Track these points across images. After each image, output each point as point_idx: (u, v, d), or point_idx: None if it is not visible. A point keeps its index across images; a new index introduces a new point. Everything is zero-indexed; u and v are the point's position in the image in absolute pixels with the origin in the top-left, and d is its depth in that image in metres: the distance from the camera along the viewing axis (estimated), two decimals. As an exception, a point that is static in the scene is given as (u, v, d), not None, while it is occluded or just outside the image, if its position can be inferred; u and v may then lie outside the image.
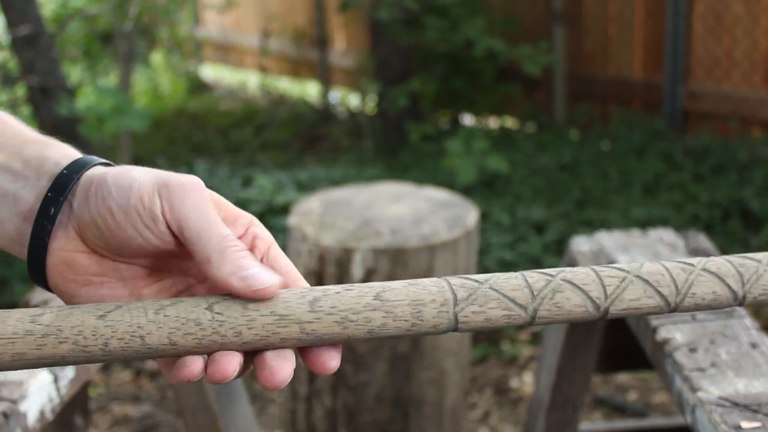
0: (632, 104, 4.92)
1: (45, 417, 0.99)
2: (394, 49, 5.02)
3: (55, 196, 0.60)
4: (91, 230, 0.59)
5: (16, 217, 0.62)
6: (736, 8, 4.28)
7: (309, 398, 2.06)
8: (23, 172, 0.62)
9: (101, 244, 0.60)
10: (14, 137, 0.63)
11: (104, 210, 0.58)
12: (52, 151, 0.63)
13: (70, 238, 0.60)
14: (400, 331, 0.57)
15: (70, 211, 0.60)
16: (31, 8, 3.77)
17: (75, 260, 0.60)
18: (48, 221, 0.60)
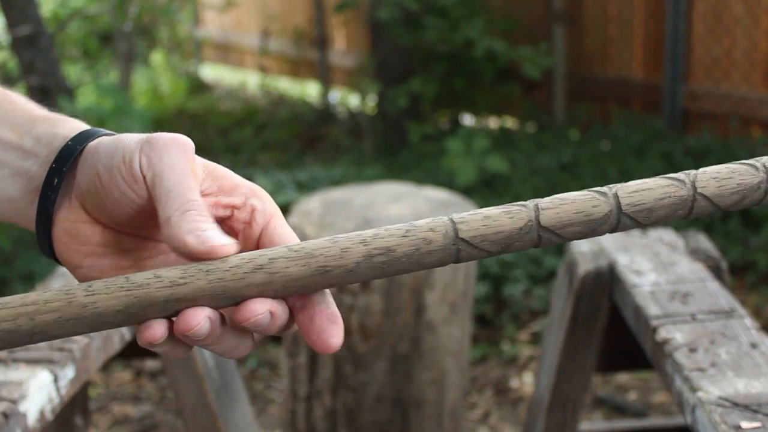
0: (632, 104, 4.92)
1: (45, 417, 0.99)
2: (394, 49, 5.02)
3: (58, 166, 0.60)
4: (88, 198, 0.60)
5: (30, 193, 0.62)
6: (736, 8, 4.28)
7: (309, 398, 2.06)
8: (34, 149, 0.62)
9: (97, 211, 0.60)
10: (24, 116, 0.64)
11: (93, 174, 0.58)
12: (62, 127, 0.63)
13: (74, 208, 0.61)
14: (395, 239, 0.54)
15: (74, 181, 0.61)
16: (31, 8, 3.78)
17: (78, 230, 0.60)
18: (52, 192, 0.60)
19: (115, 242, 0.61)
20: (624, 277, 1.25)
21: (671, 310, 1.12)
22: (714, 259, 1.32)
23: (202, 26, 8.57)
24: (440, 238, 0.55)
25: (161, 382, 2.84)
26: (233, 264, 0.54)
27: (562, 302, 1.44)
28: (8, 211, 0.64)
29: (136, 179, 0.57)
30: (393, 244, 0.54)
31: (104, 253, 0.61)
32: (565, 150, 4.54)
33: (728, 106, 4.36)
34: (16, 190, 0.63)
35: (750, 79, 4.28)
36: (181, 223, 0.54)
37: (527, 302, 3.15)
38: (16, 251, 3.55)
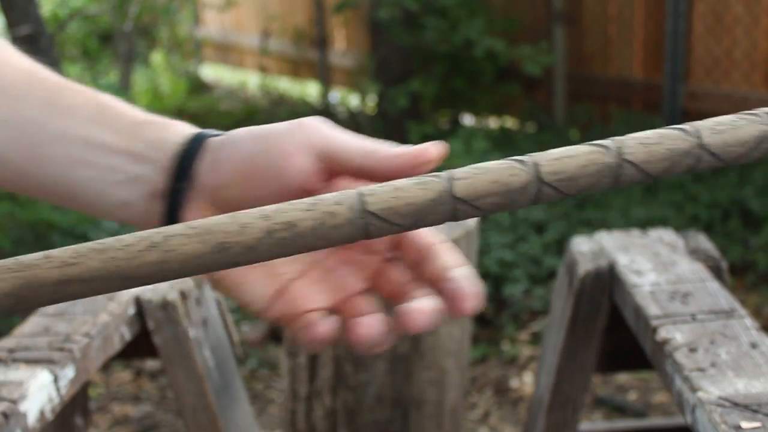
0: (632, 104, 4.92)
1: (45, 417, 0.99)
2: (394, 49, 5.02)
3: (182, 168, 0.62)
4: (229, 190, 0.61)
5: (145, 197, 0.63)
6: (736, 8, 4.28)
7: (309, 398, 2.06)
8: (146, 153, 0.63)
9: (238, 198, 0.60)
10: (128, 120, 0.65)
11: (240, 162, 0.60)
12: (170, 131, 0.64)
13: (202, 208, 0.62)
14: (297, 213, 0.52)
15: (199, 182, 0.62)
16: (31, 8, 3.78)
17: None
18: (178, 194, 0.62)
19: None
20: (624, 277, 1.25)
21: (671, 310, 1.12)
22: (714, 259, 1.32)
23: (202, 26, 8.57)
24: (346, 211, 0.52)
25: (161, 382, 2.84)
26: (127, 242, 0.52)
27: (562, 302, 1.44)
28: (126, 215, 0.65)
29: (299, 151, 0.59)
30: (296, 218, 0.52)
31: None
32: (565, 150, 4.54)
33: (728, 106, 4.36)
34: (131, 195, 0.63)
35: (750, 79, 4.28)
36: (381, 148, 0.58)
37: (527, 302, 3.15)
38: (16, 251, 3.55)
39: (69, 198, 0.65)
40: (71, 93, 0.65)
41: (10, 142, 0.64)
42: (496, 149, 4.43)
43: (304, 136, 0.60)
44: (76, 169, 0.63)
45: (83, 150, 0.63)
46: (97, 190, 0.64)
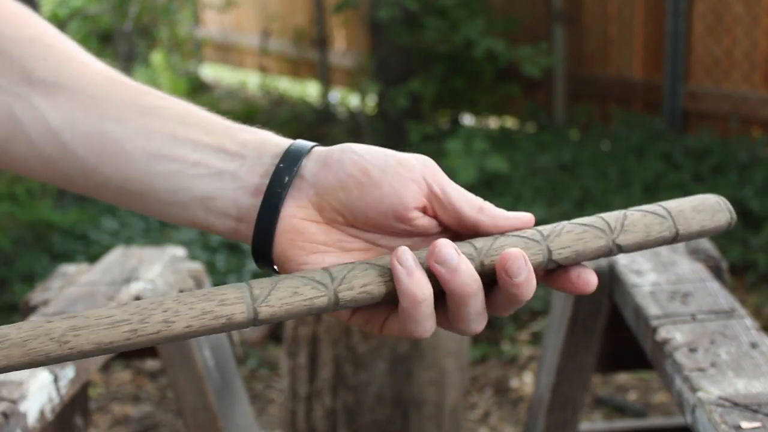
0: (632, 104, 4.92)
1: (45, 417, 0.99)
2: (394, 49, 5.02)
3: (288, 165, 0.63)
4: (335, 194, 0.62)
5: (234, 192, 0.64)
6: (736, 8, 4.28)
7: (309, 398, 2.06)
8: (241, 152, 0.64)
9: (343, 208, 0.62)
10: (219, 125, 0.66)
11: (356, 171, 0.62)
12: (267, 136, 0.66)
13: (302, 206, 0.63)
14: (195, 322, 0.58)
15: (302, 182, 0.63)
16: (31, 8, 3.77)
17: (305, 228, 0.63)
18: (282, 188, 0.62)
19: (337, 241, 0.64)
20: (624, 277, 1.25)
21: (671, 310, 1.12)
22: (714, 259, 1.32)
23: (202, 26, 8.57)
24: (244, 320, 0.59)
25: (161, 382, 2.84)
26: None
27: (562, 302, 1.44)
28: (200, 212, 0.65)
29: (417, 181, 0.62)
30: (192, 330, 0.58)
31: (326, 251, 0.63)
32: (565, 150, 4.54)
33: (728, 106, 4.36)
34: (214, 189, 0.64)
35: (750, 79, 4.28)
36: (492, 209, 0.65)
37: (527, 302, 3.15)
38: (16, 251, 3.55)
39: (142, 195, 0.65)
40: (155, 97, 0.66)
41: (83, 139, 0.64)
42: (496, 149, 4.43)
43: (423, 169, 0.63)
44: (155, 163, 0.64)
45: (167, 144, 0.64)
46: (175, 185, 0.64)
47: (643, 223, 0.66)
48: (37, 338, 0.56)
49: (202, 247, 3.60)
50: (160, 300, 0.58)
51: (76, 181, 0.66)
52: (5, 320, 3.08)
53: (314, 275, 0.60)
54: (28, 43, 0.66)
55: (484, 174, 4.16)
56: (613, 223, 0.65)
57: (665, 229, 0.66)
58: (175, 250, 1.44)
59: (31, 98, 0.64)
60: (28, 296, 1.28)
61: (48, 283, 1.32)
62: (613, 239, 0.64)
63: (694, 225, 0.67)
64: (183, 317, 0.58)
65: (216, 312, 0.58)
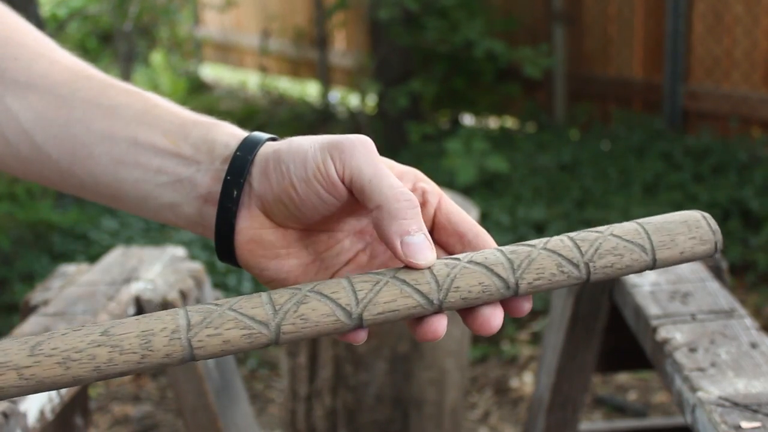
0: (632, 104, 4.92)
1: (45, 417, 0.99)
2: (394, 49, 5.02)
3: (234, 178, 0.62)
4: (276, 206, 0.61)
5: (195, 200, 0.64)
6: (736, 8, 4.28)
7: (309, 398, 2.06)
8: (195, 156, 0.64)
9: (288, 217, 0.62)
10: (175, 121, 0.65)
11: (287, 185, 0.60)
12: (216, 132, 0.65)
13: (254, 216, 0.62)
14: (130, 365, 0.54)
15: (251, 191, 0.62)
16: (31, 8, 3.77)
17: (262, 237, 0.62)
18: (232, 203, 0.62)
19: (296, 242, 0.63)
20: (624, 277, 1.25)
21: (671, 310, 1.12)
22: (714, 259, 1.31)
23: (202, 26, 8.57)
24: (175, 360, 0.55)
25: (161, 382, 2.84)
26: None
27: (562, 302, 1.44)
28: (171, 217, 0.65)
29: (335, 185, 0.59)
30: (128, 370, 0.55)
31: (288, 254, 0.63)
32: (565, 150, 4.54)
33: (728, 106, 4.36)
34: (178, 197, 0.64)
35: (750, 79, 4.28)
36: (391, 217, 0.57)
37: (527, 302, 3.15)
38: (16, 251, 3.55)
39: (116, 199, 0.65)
40: (116, 92, 0.66)
41: (55, 141, 0.64)
42: (496, 149, 4.43)
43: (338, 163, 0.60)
44: (121, 170, 0.64)
45: (129, 150, 0.64)
46: (143, 192, 0.64)
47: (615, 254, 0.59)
48: None
49: (202, 247, 3.60)
50: None
51: (54, 181, 0.66)
52: (5, 320, 3.08)
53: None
54: (1, 42, 0.66)
55: (484, 174, 4.16)
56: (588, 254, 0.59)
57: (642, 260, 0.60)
58: (175, 250, 1.44)
59: (5, 98, 0.65)
60: (28, 296, 1.28)
61: (48, 283, 1.32)
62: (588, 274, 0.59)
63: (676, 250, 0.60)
64: None
65: None
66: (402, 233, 0.57)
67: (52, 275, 1.37)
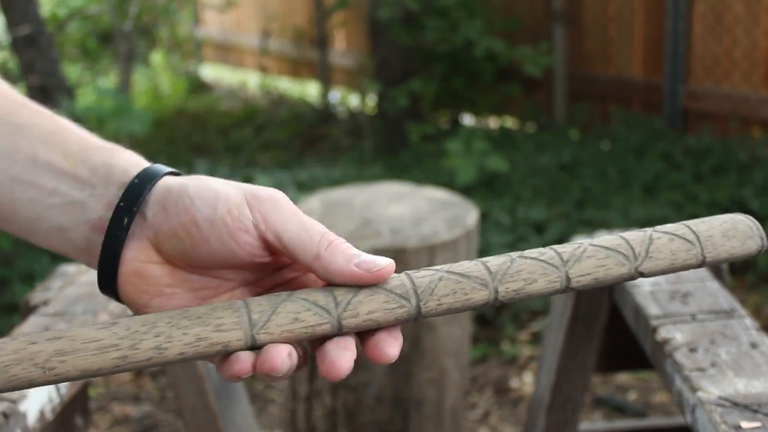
0: (632, 104, 4.92)
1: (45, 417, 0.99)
2: (394, 49, 5.02)
3: (128, 205, 0.60)
4: (170, 241, 0.59)
5: (84, 225, 0.61)
6: (736, 8, 4.28)
7: (309, 398, 2.06)
8: (91, 179, 0.61)
9: (178, 255, 0.60)
10: (78, 143, 0.63)
11: (187, 221, 0.58)
12: (118, 159, 0.62)
13: (143, 248, 0.60)
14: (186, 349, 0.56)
15: (144, 221, 0.60)
16: (31, 8, 3.77)
17: (148, 271, 0.60)
18: (121, 231, 0.60)
19: (183, 282, 0.61)
20: (624, 277, 1.25)
21: (671, 310, 1.12)
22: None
23: (202, 26, 8.56)
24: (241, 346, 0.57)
25: (161, 382, 2.84)
26: None
27: (562, 302, 1.44)
28: (58, 242, 0.63)
29: (247, 231, 0.58)
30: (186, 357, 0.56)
31: (172, 294, 0.61)
32: (565, 150, 4.54)
33: (728, 106, 4.36)
34: (68, 220, 0.62)
35: (750, 79, 4.28)
36: (334, 257, 0.57)
37: (527, 302, 3.15)
38: (16, 251, 3.55)
39: (7, 220, 0.63)
40: (29, 113, 0.64)
41: None
42: (496, 149, 4.43)
43: (257, 216, 0.59)
44: (17, 189, 0.61)
45: (27, 169, 0.61)
46: (35, 213, 0.62)
47: (669, 250, 0.61)
48: (20, 363, 0.53)
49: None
50: (153, 320, 0.55)
51: None
52: (5, 320, 3.08)
53: (318, 298, 0.57)
54: None
55: (484, 174, 4.16)
56: (638, 248, 0.60)
57: (692, 257, 0.61)
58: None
59: None
60: (28, 296, 1.28)
61: (48, 283, 1.32)
62: (636, 267, 0.60)
63: (723, 252, 0.62)
64: (176, 344, 0.55)
65: (212, 339, 0.56)
66: (350, 259, 0.57)
67: (52, 275, 1.37)
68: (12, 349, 0.53)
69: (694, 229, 0.62)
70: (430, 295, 0.59)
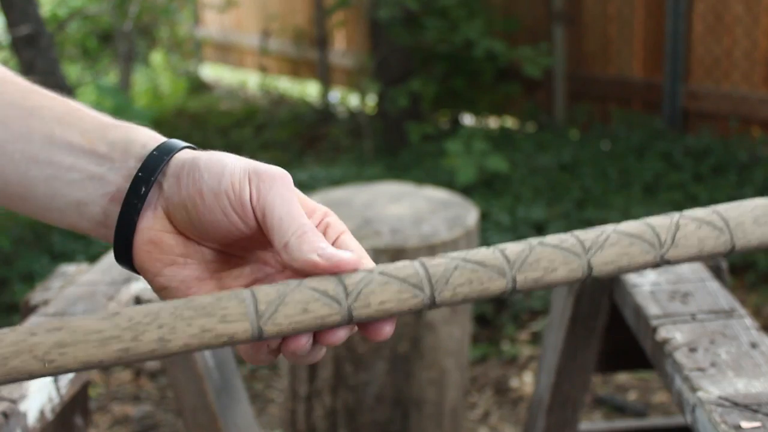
0: (632, 104, 4.92)
1: (45, 417, 0.99)
2: (394, 49, 5.02)
3: (146, 175, 0.61)
4: (179, 211, 0.61)
5: (103, 198, 0.63)
6: (736, 8, 4.28)
7: (309, 398, 2.06)
8: (110, 154, 0.63)
9: (187, 226, 0.61)
10: (94, 122, 0.64)
11: (194, 192, 0.60)
12: (137, 134, 0.64)
13: (158, 217, 0.62)
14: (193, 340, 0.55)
15: (160, 192, 0.62)
16: (31, 8, 3.77)
17: (162, 239, 0.62)
18: (138, 200, 0.61)
19: (196, 253, 0.63)
20: (624, 277, 1.25)
21: (671, 310, 1.12)
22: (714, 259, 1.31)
23: (202, 26, 8.56)
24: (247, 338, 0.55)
25: (161, 382, 2.84)
26: None
27: (562, 302, 1.44)
28: (76, 218, 0.64)
29: (244, 206, 0.59)
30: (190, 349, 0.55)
31: (185, 264, 0.62)
32: (565, 150, 4.54)
33: (728, 105, 4.36)
34: (86, 195, 0.63)
35: (750, 79, 4.28)
36: (301, 245, 0.57)
37: (527, 302, 3.15)
38: (16, 251, 3.55)
39: (24, 199, 0.64)
40: (40, 96, 0.65)
41: None
42: (496, 149, 4.43)
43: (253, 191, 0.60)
44: (33, 168, 0.63)
45: (44, 148, 0.63)
46: (52, 190, 0.63)
47: (697, 237, 0.57)
48: (19, 356, 0.52)
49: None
50: (156, 311, 0.55)
51: None
52: (5, 320, 3.08)
53: (327, 288, 0.56)
54: None
55: (484, 174, 4.16)
56: (664, 235, 0.57)
57: (720, 245, 0.58)
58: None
59: None
60: (28, 296, 1.28)
61: (48, 283, 1.32)
62: (662, 255, 0.57)
63: (754, 240, 0.59)
64: (180, 335, 0.54)
65: (217, 330, 0.54)
66: (315, 249, 0.58)
67: (52, 275, 1.37)
68: (11, 340, 0.53)
69: (723, 215, 0.59)
70: (445, 285, 0.57)
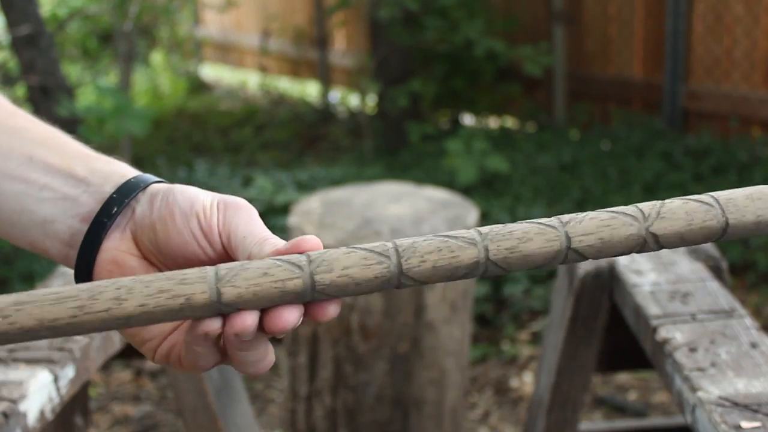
0: (632, 104, 4.92)
1: (45, 417, 0.99)
2: (394, 49, 5.02)
3: (120, 197, 0.63)
4: (148, 234, 0.62)
5: (72, 218, 0.64)
6: (736, 8, 4.28)
7: (309, 398, 2.06)
8: (88, 178, 0.64)
9: (152, 250, 0.63)
10: (78, 151, 0.66)
11: (166, 213, 0.62)
12: (116, 166, 0.66)
13: (125, 239, 0.63)
14: None
15: (131, 215, 0.63)
16: (31, 8, 3.78)
17: (125, 261, 0.63)
18: (109, 219, 0.63)
19: None
20: (624, 277, 1.25)
21: (671, 310, 1.12)
22: (714, 259, 1.31)
23: (202, 26, 8.56)
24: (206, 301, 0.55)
25: (161, 382, 2.84)
26: None
27: (562, 302, 1.44)
28: (39, 236, 0.64)
29: (211, 229, 0.61)
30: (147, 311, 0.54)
31: None
32: (565, 150, 4.54)
33: (728, 105, 4.36)
34: (55, 213, 0.63)
35: (750, 79, 4.28)
36: (262, 248, 0.59)
37: (527, 302, 3.15)
38: (16, 251, 3.55)
39: None
40: (25, 119, 0.66)
41: None
42: (496, 149, 4.43)
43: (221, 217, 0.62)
44: (5, 183, 0.63)
45: (21, 167, 0.63)
46: (20, 205, 0.63)
47: (683, 211, 0.56)
48: None
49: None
50: (118, 279, 0.56)
51: None
52: (5, 320, 3.08)
53: (290, 257, 0.56)
54: None
55: (484, 174, 4.16)
56: (648, 210, 0.56)
57: (711, 218, 0.56)
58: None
59: None
60: (28, 296, 1.27)
61: (48, 283, 1.32)
62: (647, 227, 0.55)
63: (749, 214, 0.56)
64: (137, 295, 0.54)
65: (174, 291, 0.54)
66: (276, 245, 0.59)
67: (52, 275, 1.37)
68: None
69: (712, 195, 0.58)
70: (412, 253, 0.56)
